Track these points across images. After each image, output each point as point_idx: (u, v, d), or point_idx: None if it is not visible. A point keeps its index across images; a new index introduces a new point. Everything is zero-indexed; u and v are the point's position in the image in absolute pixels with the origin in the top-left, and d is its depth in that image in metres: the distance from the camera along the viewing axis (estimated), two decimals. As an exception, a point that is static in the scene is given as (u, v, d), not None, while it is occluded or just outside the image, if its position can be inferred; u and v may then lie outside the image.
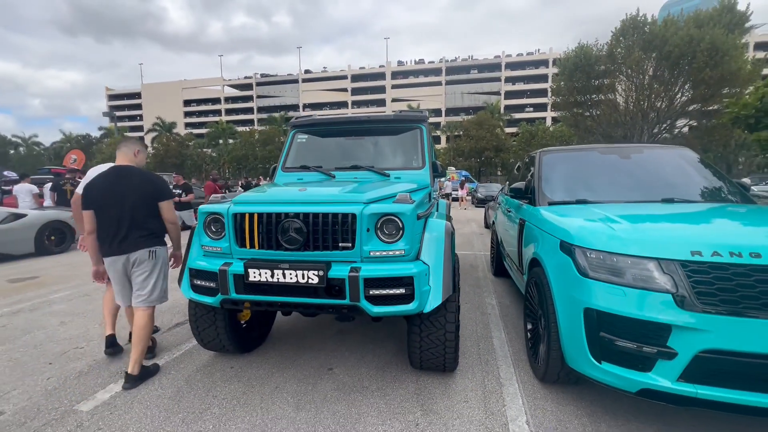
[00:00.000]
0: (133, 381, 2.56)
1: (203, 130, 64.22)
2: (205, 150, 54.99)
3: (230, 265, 2.28)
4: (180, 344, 3.22)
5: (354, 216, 2.20)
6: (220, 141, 55.15)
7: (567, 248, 2.26)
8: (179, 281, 2.58)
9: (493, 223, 5.81)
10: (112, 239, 2.59)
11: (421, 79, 73.50)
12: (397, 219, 2.23)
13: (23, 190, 8.08)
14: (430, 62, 74.70)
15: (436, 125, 63.01)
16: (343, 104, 75.81)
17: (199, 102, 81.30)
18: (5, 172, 20.15)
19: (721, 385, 1.74)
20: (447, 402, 2.36)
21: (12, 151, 51.77)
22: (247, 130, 57.67)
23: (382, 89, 74.32)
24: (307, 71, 79.12)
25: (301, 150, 3.87)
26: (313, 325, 3.64)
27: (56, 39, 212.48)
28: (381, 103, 73.69)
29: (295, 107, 76.92)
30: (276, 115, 61.01)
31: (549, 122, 54.69)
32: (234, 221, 2.34)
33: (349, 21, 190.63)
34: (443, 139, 61.26)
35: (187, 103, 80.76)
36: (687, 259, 1.83)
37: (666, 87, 11.37)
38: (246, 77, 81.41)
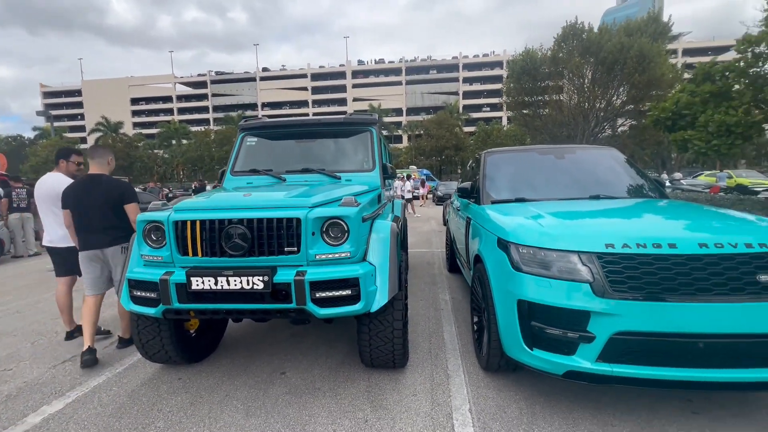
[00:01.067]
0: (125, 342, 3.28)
1: (154, 130, 60.77)
2: (156, 151, 52.03)
3: (172, 273, 2.23)
4: (123, 358, 3.08)
5: (299, 220, 2.22)
6: (173, 141, 52.39)
7: (503, 245, 2.42)
8: (118, 292, 2.48)
9: (447, 220, 6.02)
10: (85, 236, 3.01)
11: (382, 79, 73.87)
12: (342, 222, 2.28)
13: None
14: (390, 62, 75.26)
15: (398, 125, 63.67)
16: (303, 103, 74.60)
17: (148, 100, 76.72)
18: None
19: (632, 362, 1.95)
20: (396, 397, 2.45)
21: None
22: (202, 129, 55.22)
23: (342, 88, 73.89)
24: (265, 69, 77.04)
25: (251, 153, 3.82)
26: (266, 330, 3.61)
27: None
28: (342, 102, 73.27)
29: (253, 106, 74.71)
30: (233, 114, 58.96)
31: (505, 122, 56.93)
32: (175, 229, 2.28)
33: (308, 19, 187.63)
34: (405, 138, 62.03)
35: (135, 101, 75.95)
36: (602, 251, 2.03)
37: (603, 90, 12.40)
38: (200, 75, 77.91)
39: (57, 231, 3.33)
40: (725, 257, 1.92)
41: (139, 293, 2.31)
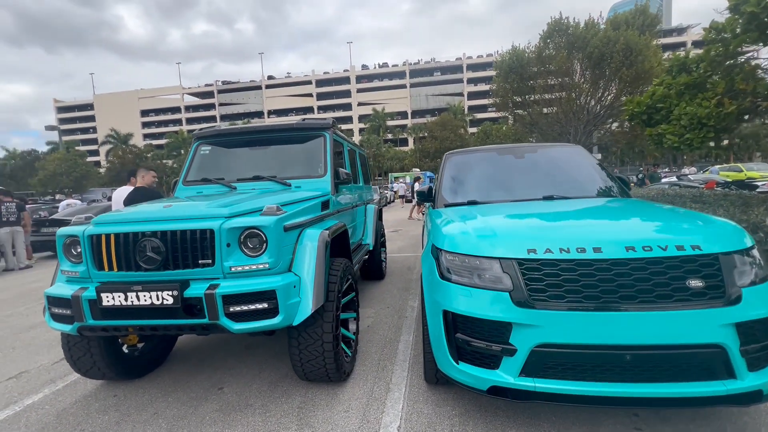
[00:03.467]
0: None
1: (163, 141, 61.89)
2: (164, 161, 52.94)
3: (85, 290, 2.16)
4: (66, 376, 3.03)
5: (212, 231, 2.14)
6: (182, 151, 53.27)
7: (435, 252, 2.30)
8: (44, 310, 2.43)
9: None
10: None
11: (386, 83, 74.06)
12: (260, 232, 2.19)
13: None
14: (393, 65, 75.43)
15: (402, 127, 63.75)
16: (308, 110, 75.16)
17: (157, 112, 78.29)
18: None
19: (556, 377, 1.81)
20: (327, 413, 2.34)
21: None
22: (209, 139, 55.97)
23: (347, 93, 74.29)
24: (270, 77, 77.95)
25: (205, 162, 3.76)
26: (221, 341, 3.53)
27: (1, 50, 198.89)
28: (347, 107, 73.70)
29: (259, 114, 75.61)
30: (239, 122, 59.67)
31: (511, 121, 56.28)
32: (90, 243, 2.22)
33: (313, 27, 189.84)
34: (410, 141, 62.02)
35: (144, 113, 77.59)
36: (523, 257, 1.89)
37: (592, 86, 11.91)
38: (207, 85, 79.28)
39: None
40: (653, 261, 1.77)
41: (56, 310, 2.25)
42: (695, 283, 1.73)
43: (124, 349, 2.87)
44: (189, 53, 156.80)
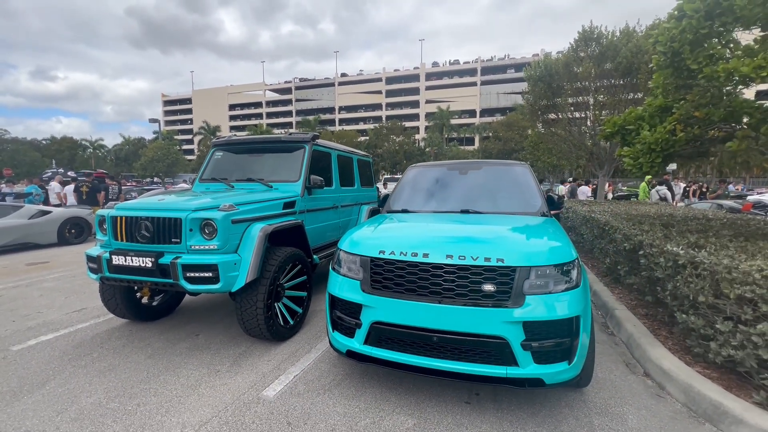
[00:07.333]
0: None
1: (245, 134, 68.47)
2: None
3: (105, 252, 3.23)
4: (107, 314, 4.23)
5: (180, 220, 3.06)
6: (258, 143, 58.30)
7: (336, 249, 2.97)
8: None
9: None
10: None
11: (456, 80, 73.06)
12: (212, 223, 3.06)
13: (52, 190, 9.94)
14: (465, 62, 74.12)
15: (470, 126, 62.57)
16: (377, 106, 77.21)
17: (243, 106, 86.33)
18: (69, 173, 23.30)
19: (387, 347, 2.41)
20: (254, 360, 3.15)
21: (84, 154, 58.15)
22: (284, 132, 60.59)
23: (416, 91, 74.79)
24: (343, 74, 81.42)
25: (218, 164, 4.80)
26: (212, 306, 4.55)
27: (127, 52, 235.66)
28: (415, 104, 74.24)
29: (331, 110, 79.57)
30: (310, 118, 63.55)
31: (589, 123, 52.31)
32: (112, 221, 3.29)
33: (390, 25, 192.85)
34: (476, 140, 60.79)
35: (232, 107, 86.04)
36: (375, 255, 2.50)
37: (617, 99, 10.61)
38: (286, 82, 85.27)
39: None
40: (462, 268, 2.27)
41: (90, 264, 3.37)
42: (488, 287, 2.20)
43: (144, 300, 4.00)
44: (275, 52, 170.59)
